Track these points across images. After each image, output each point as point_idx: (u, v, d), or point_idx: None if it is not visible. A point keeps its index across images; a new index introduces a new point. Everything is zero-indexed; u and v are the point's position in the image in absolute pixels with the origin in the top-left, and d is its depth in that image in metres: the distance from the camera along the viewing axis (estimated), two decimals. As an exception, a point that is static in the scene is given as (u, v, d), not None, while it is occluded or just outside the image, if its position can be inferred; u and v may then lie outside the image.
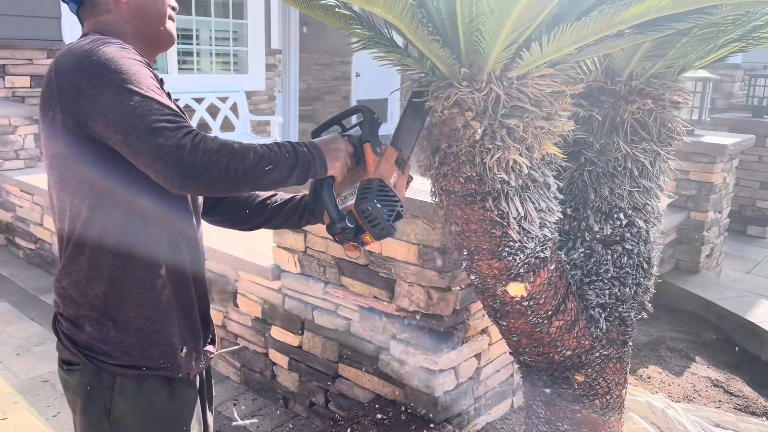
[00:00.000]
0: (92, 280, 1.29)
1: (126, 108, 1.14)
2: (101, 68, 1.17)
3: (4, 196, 5.04)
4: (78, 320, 1.32)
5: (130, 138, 1.14)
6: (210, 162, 1.15)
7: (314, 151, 1.32)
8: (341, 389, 2.67)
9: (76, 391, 1.35)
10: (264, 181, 1.24)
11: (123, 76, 1.17)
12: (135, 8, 1.35)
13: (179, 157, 1.13)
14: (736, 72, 8.07)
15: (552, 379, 1.99)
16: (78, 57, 1.20)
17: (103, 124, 1.17)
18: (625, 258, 1.95)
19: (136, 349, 1.32)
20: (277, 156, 1.25)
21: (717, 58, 1.89)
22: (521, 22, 1.34)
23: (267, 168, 1.22)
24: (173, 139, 1.14)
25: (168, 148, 1.13)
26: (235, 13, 7.40)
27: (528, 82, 1.53)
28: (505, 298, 1.78)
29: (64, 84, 1.20)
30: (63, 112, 1.20)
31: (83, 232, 1.28)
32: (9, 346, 3.46)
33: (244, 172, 1.19)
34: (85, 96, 1.17)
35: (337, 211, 1.33)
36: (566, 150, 1.89)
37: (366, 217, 1.34)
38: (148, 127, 1.14)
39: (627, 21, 1.31)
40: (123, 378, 1.32)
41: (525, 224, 1.66)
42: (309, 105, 9.48)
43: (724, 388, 3.15)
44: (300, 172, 1.29)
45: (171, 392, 1.37)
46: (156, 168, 1.14)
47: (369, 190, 1.35)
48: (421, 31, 1.36)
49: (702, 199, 4.21)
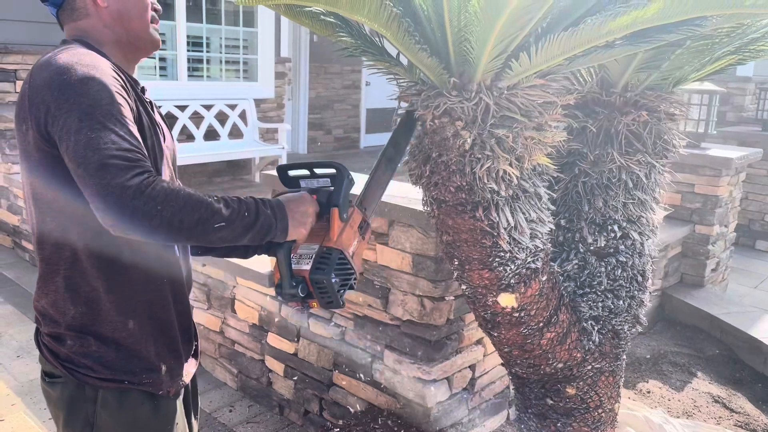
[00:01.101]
0: (69, 300, 1.26)
1: (83, 137, 1.09)
2: (70, 90, 1.13)
3: (12, 200, 5.09)
4: (59, 336, 1.29)
5: (80, 169, 1.09)
6: (153, 210, 1.08)
7: (278, 215, 1.25)
8: (335, 398, 2.66)
9: (58, 404, 1.33)
10: (211, 237, 1.17)
11: (88, 101, 1.12)
12: (115, 13, 1.31)
13: (121, 199, 1.07)
14: (747, 85, 8.01)
15: (543, 392, 1.97)
16: (51, 73, 1.16)
17: (62, 148, 1.13)
18: (619, 270, 1.93)
19: (118, 364, 1.29)
20: (234, 214, 1.18)
21: (713, 70, 1.88)
22: (508, 32, 1.34)
23: (217, 225, 1.16)
24: (119, 179, 1.07)
25: (112, 188, 1.07)
26: (246, 22, 7.46)
27: (518, 92, 1.53)
28: (495, 309, 1.77)
29: (35, 99, 1.16)
30: (33, 128, 1.16)
31: (56, 252, 1.25)
32: (10, 348, 3.48)
33: (190, 226, 1.12)
34: (51, 115, 1.13)
35: (290, 276, 1.29)
36: (560, 161, 1.88)
37: (319, 287, 1.30)
38: (99, 161, 1.08)
39: (614, 32, 1.31)
40: (105, 391, 1.29)
41: (515, 234, 1.66)
42: (318, 113, 9.52)
43: (725, 404, 3.11)
44: (255, 234, 1.22)
45: (154, 405, 1.34)
46: (96, 205, 1.09)
47: (327, 262, 1.29)
48: (409, 40, 1.36)
49: (707, 212, 4.18)
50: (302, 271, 1.30)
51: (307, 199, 1.33)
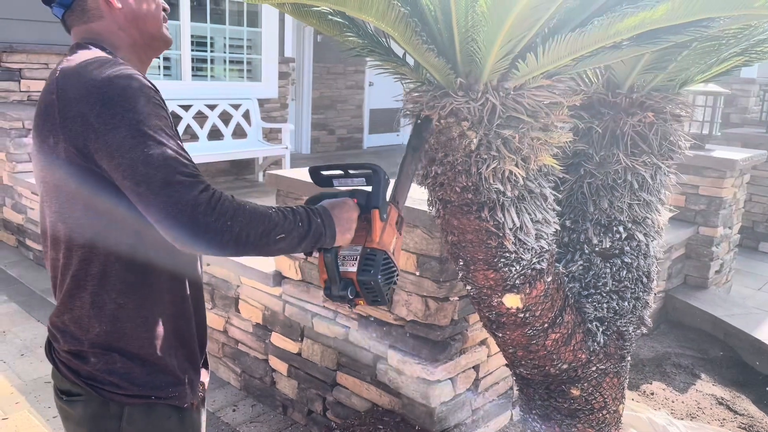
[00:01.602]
0: (94, 318, 1.23)
1: (139, 154, 1.06)
2: (113, 104, 1.09)
3: (16, 198, 5.10)
4: (81, 354, 1.25)
5: (141, 188, 1.07)
6: (224, 226, 1.09)
7: (326, 222, 1.27)
8: (339, 398, 2.66)
9: (80, 422, 1.28)
10: (272, 249, 1.18)
11: (136, 116, 1.09)
12: (130, 14, 1.27)
13: (193, 217, 1.06)
14: (752, 87, 8.00)
15: (548, 393, 1.97)
16: (87, 86, 1.11)
17: (111, 165, 1.09)
18: (624, 271, 1.93)
19: (143, 379, 1.27)
20: (290, 225, 1.19)
21: (720, 71, 1.88)
22: (516, 33, 1.34)
23: (278, 237, 1.17)
24: (188, 196, 1.06)
25: (182, 206, 1.05)
26: (250, 22, 7.47)
27: (524, 92, 1.53)
28: (500, 310, 1.77)
29: (69, 112, 1.11)
30: (66, 141, 1.12)
31: (84, 267, 1.20)
32: (14, 347, 3.49)
33: (255, 240, 1.14)
34: (93, 131, 1.09)
35: (339, 279, 1.33)
36: (565, 162, 1.88)
37: (366, 288, 1.34)
38: (164, 180, 1.06)
39: (622, 33, 1.31)
40: (131, 407, 1.26)
41: (521, 235, 1.66)
42: (322, 113, 9.53)
43: (728, 406, 3.10)
44: (308, 242, 1.24)
45: (180, 418, 1.33)
46: (165, 224, 1.07)
47: (373, 263, 1.33)
48: (416, 40, 1.36)
49: (711, 214, 4.17)
50: (349, 273, 1.33)
51: (350, 205, 1.34)
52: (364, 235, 1.35)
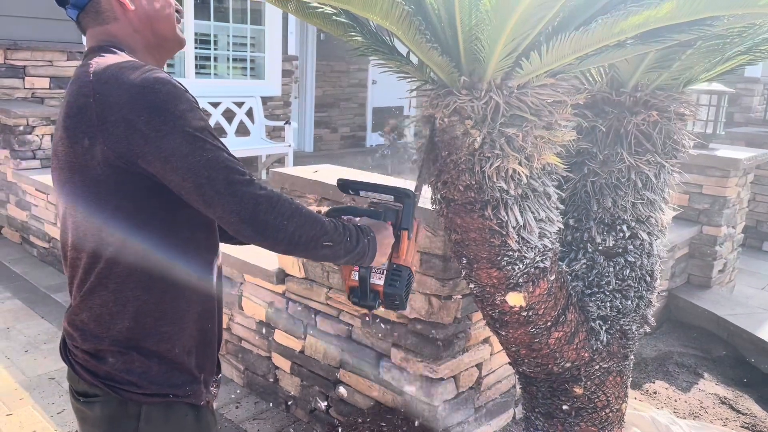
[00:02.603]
0: (116, 315, 1.24)
1: (198, 159, 1.12)
2: (161, 110, 1.12)
3: (20, 195, 5.12)
4: (99, 353, 1.26)
5: (204, 189, 1.13)
6: (281, 225, 1.18)
7: (371, 245, 1.37)
8: (342, 395, 2.66)
9: (98, 423, 1.29)
10: (318, 253, 1.27)
11: (185, 122, 1.13)
12: (143, 16, 1.29)
13: (255, 214, 1.15)
14: (756, 86, 7.98)
15: (551, 391, 1.97)
16: (129, 91, 1.13)
17: (164, 169, 1.13)
18: (627, 270, 1.93)
19: (161, 378, 1.28)
20: (340, 237, 1.28)
21: (724, 70, 1.88)
22: (520, 31, 1.34)
23: (325, 244, 1.25)
24: (250, 195, 1.15)
25: (245, 204, 1.14)
26: (253, 20, 7.47)
27: (528, 91, 1.53)
28: (503, 308, 1.77)
29: (110, 117, 1.13)
30: (106, 144, 1.14)
31: (109, 266, 1.22)
32: (18, 343, 3.51)
33: (306, 241, 1.22)
34: (141, 136, 1.11)
35: (368, 290, 1.47)
36: (569, 160, 1.88)
37: (390, 299, 1.48)
38: (225, 180, 1.14)
39: (626, 31, 1.31)
40: (149, 407, 1.27)
41: (524, 234, 1.66)
42: (325, 111, 9.52)
43: (731, 406, 3.10)
44: (351, 258, 1.33)
45: (196, 416, 1.34)
46: (229, 220, 1.15)
47: (399, 278, 1.48)
48: (419, 39, 1.36)
49: (715, 213, 4.16)
50: (376, 286, 1.47)
51: (390, 232, 1.46)
52: (392, 252, 1.48)
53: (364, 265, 1.41)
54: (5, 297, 4.13)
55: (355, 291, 1.48)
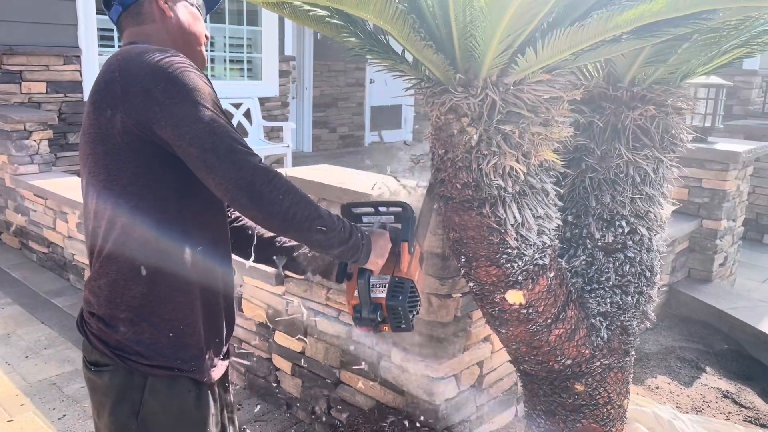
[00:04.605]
0: (131, 280, 1.31)
1: (204, 125, 1.19)
2: (176, 80, 1.21)
3: (18, 201, 5.11)
4: (111, 320, 1.33)
5: (208, 154, 1.18)
6: (276, 198, 1.21)
7: (365, 242, 1.39)
8: (343, 396, 2.66)
9: (106, 392, 1.35)
10: (312, 237, 1.29)
11: (198, 93, 1.21)
12: (178, 24, 1.42)
13: (252, 183, 1.18)
14: (754, 78, 7.97)
15: (552, 388, 1.96)
16: (152, 66, 1.22)
17: (174, 135, 1.20)
18: (627, 266, 1.93)
19: (169, 350, 1.34)
20: (333, 224, 1.31)
21: (721, 63, 1.87)
22: (515, 27, 1.33)
23: (319, 227, 1.27)
24: (250, 165, 1.19)
25: (243, 172, 1.18)
26: (249, 20, 7.46)
27: (524, 87, 1.52)
28: (503, 306, 1.76)
29: (133, 87, 1.22)
30: (126, 113, 1.22)
31: (126, 232, 1.29)
32: (18, 349, 3.50)
33: (300, 220, 1.24)
34: (157, 103, 1.20)
35: (370, 302, 1.44)
36: (567, 156, 1.88)
37: (393, 314, 1.46)
38: (228, 147, 1.19)
39: (621, 26, 1.30)
40: (154, 378, 1.34)
41: (523, 231, 1.65)
42: (323, 111, 9.52)
43: (734, 400, 3.09)
44: (345, 250, 1.35)
45: (198, 394, 1.39)
46: (227, 187, 1.19)
47: (401, 290, 1.46)
48: (414, 37, 1.35)
49: (715, 207, 4.15)
50: (378, 299, 1.46)
51: (386, 236, 1.47)
52: (392, 266, 1.48)
53: (361, 265, 1.41)
54: (5, 303, 4.12)
55: (357, 308, 1.48)
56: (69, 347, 3.52)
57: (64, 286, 4.47)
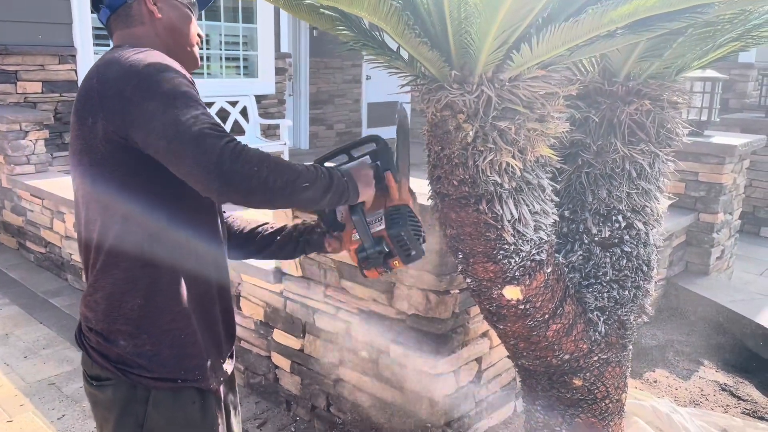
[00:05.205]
0: (128, 293, 1.28)
1: (171, 116, 1.15)
2: (148, 78, 1.18)
3: (15, 201, 5.10)
4: (111, 335, 1.30)
5: (174, 144, 1.14)
6: (250, 171, 1.15)
7: (347, 178, 1.34)
8: (342, 393, 2.66)
9: (109, 406, 1.33)
10: (299, 197, 1.25)
11: (168, 86, 1.18)
12: (168, 25, 1.39)
13: (220, 164, 1.13)
14: (750, 72, 7.97)
15: (550, 383, 1.97)
16: (124, 67, 1.20)
17: (145, 132, 1.17)
18: (624, 261, 1.93)
19: (171, 361, 1.31)
20: (313, 176, 1.26)
21: (716, 57, 1.87)
22: (509, 23, 1.33)
23: (303, 185, 1.23)
24: (216, 147, 1.14)
25: (209, 155, 1.13)
26: (245, 18, 7.44)
27: (520, 83, 1.52)
28: (501, 302, 1.76)
29: (108, 92, 1.20)
30: (105, 119, 1.20)
31: (117, 244, 1.26)
32: (17, 349, 3.50)
33: (282, 186, 1.20)
34: (129, 103, 1.17)
35: (371, 236, 1.38)
36: (563, 152, 1.88)
37: (398, 242, 1.39)
38: (192, 134, 1.14)
39: (616, 21, 1.30)
40: (158, 391, 1.31)
41: (519, 227, 1.65)
42: (320, 108, 9.50)
43: (732, 392, 3.10)
44: (333, 195, 1.30)
45: (203, 404, 1.37)
46: (196, 174, 1.14)
47: (399, 216, 1.39)
48: (408, 34, 1.35)
49: (711, 200, 4.16)
50: (378, 233, 1.39)
51: (364, 163, 1.43)
52: (383, 200, 1.43)
53: (352, 203, 1.36)
54: (3, 303, 4.11)
55: (360, 248, 1.40)
56: (67, 347, 3.52)
57: (62, 286, 4.46)
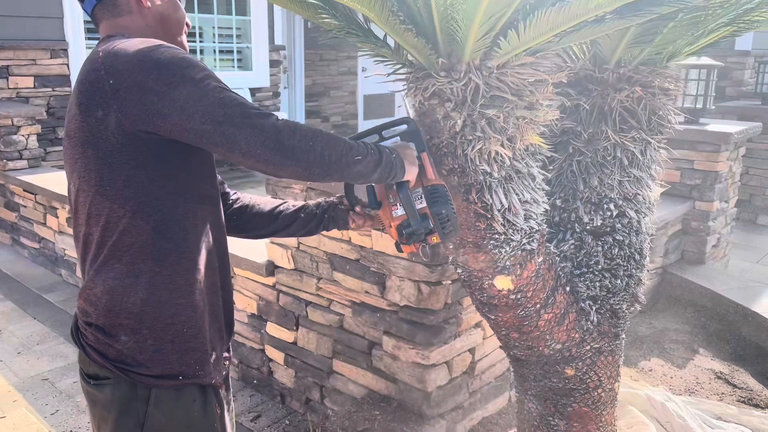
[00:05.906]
0: (130, 287, 1.26)
1: (212, 99, 1.14)
2: (169, 65, 1.16)
3: (8, 197, 5.08)
4: (112, 329, 1.27)
5: (224, 126, 1.14)
6: (308, 146, 1.19)
7: (395, 155, 1.37)
8: (336, 385, 2.65)
9: (108, 406, 1.30)
10: (352, 170, 1.28)
11: (194, 70, 1.17)
12: (157, 14, 1.36)
13: (279, 141, 1.15)
14: (746, 59, 7.94)
15: (542, 373, 1.96)
16: (137, 57, 1.17)
17: (182, 118, 1.15)
18: (616, 249, 1.91)
19: (173, 357, 1.29)
20: (364, 150, 1.29)
21: (708, 42, 1.85)
22: (495, 9, 1.31)
23: (356, 158, 1.27)
24: (269, 124, 1.16)
25: (267, 132, 1.15)
26: (238, 10, 7.40)
27: (508, 71, 1.50)
28: (492, 292, 1.75)
29: (123, 84, 1.16)
30: (120, 111, 1.17)
31: (122, 238, 1.24)
32: (10, 345, 3.48)
33: (337, 159, 1.24)
34: (154, 93, 1.14)
35: (416, 212, 1.43)
36: (554, 140, 1.86)
37: (440, 219, 1.45)
38: (242, 114, 1.15)
39: (603, 6, 1.28)
40: (159, 389, 1.29)
41: (510, 216, 1.63)
42: (315, 101, 9.46)
43: (727, 380, 3.10)
44: (383, 170, 1.34)
45: (204, 400, 1.35)
46: (255, 153, 1.15)
47: (439, 195, 1.45)
48: (393, 21, 1.33)
49: (707, 188, 4.14)
50: (422, 209, 1.45)
51: (408, 144, 1.46)
52: (420, 180, 1.47)
53: (398, 179, 1.40)
54: (-3, 299, 4.10)
55: (405, 224, 1.44)
56: (61, 342, 3.51)
57: (56, 282, 4.45)
